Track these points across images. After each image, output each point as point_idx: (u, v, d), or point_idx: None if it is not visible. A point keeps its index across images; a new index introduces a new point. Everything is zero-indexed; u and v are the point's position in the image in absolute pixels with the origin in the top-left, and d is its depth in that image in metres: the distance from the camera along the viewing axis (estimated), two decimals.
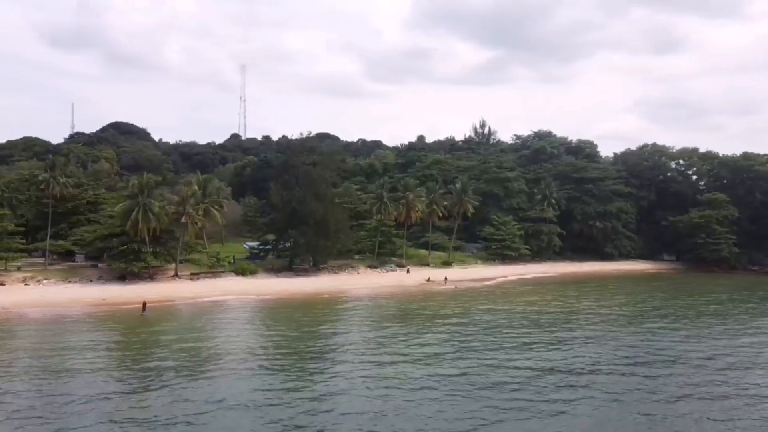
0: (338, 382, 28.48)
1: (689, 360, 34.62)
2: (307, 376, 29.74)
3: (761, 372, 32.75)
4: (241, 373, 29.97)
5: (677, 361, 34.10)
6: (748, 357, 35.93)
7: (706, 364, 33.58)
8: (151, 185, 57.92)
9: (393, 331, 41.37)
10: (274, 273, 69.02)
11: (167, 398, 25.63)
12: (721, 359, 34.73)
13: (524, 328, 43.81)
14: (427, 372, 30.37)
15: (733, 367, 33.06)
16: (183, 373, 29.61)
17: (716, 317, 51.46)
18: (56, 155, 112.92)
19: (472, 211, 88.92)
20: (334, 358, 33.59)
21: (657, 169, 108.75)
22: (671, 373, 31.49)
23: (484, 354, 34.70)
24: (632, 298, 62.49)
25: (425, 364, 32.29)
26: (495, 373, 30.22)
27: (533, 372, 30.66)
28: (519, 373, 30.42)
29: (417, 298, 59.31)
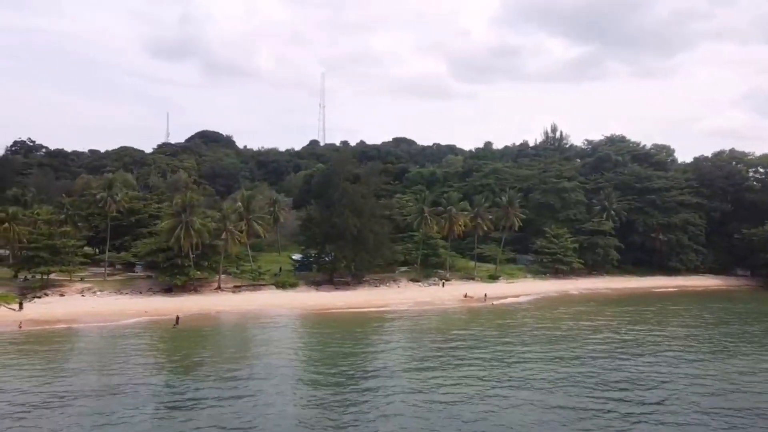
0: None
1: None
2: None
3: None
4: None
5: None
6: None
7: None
8: (194, 203, 61.94)
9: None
10: (315, 286, 71.71)
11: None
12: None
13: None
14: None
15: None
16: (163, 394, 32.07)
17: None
18: (115, 174, 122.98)
19: (519, 224, 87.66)
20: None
21: (731, 177, 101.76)
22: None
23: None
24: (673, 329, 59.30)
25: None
26: None
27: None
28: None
29: (441, 321, 58.67)
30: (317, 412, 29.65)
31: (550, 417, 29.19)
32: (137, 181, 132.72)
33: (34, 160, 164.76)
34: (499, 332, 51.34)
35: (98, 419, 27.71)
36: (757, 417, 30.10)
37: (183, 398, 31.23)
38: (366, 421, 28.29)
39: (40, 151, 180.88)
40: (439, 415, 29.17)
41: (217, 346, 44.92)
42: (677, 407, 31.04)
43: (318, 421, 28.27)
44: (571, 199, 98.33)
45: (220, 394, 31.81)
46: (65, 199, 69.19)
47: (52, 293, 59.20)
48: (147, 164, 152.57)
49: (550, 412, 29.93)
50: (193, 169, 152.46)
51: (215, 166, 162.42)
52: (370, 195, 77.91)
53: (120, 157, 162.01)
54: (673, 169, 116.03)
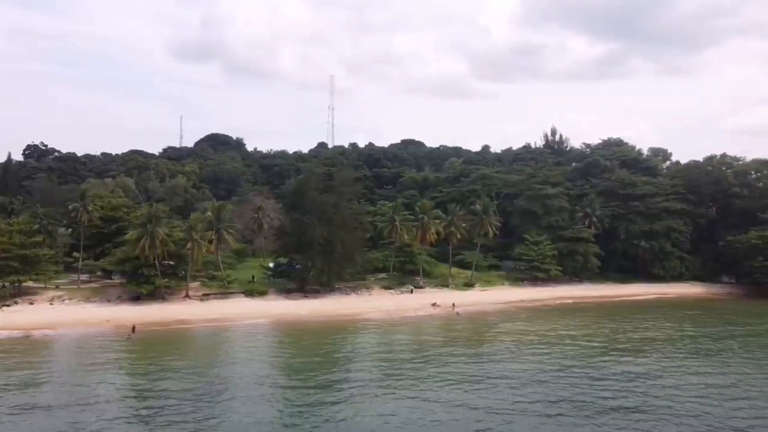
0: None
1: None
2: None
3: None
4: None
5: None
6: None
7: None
8: (159, 215, 63.85)
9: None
10: (285, 294, 73.24)
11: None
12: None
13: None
14: None
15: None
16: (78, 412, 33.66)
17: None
18: (116, 179, 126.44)
19: (494, 232, 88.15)
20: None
21: (719, 183, 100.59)
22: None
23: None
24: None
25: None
26: None
27: None
28: None
29: (392, 331, 59.37)
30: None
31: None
32: (137, 186, 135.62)
33: (44, 164, 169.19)
34: (429, 346, 52.07)
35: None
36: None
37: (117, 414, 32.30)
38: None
39: (52, 155, 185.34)
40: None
41: (164, 356, 46.37)
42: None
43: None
44: (554, 206, 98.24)
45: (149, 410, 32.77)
46: (39, 209, 71.67)
47: (23, 301, 61.65)
48: (149, 169, 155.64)
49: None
50: (194, 173, 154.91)
51: (217, 170, 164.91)
52: (343, 203, 79.05)
53: (125, 161, 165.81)
54: (664, 174, 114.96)
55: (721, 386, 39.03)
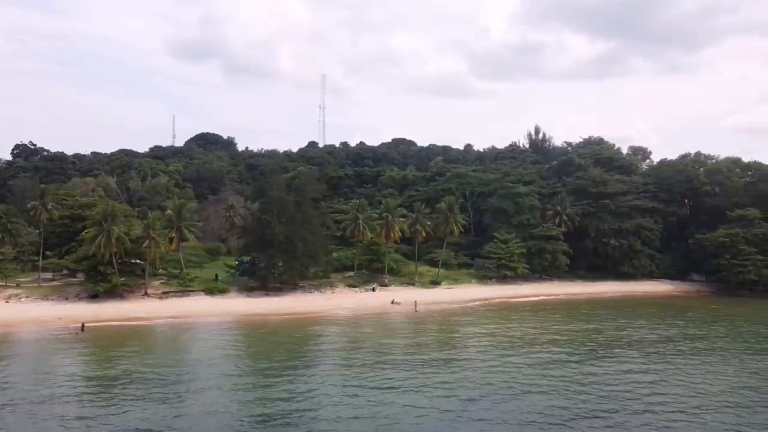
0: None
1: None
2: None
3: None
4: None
5: None
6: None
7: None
8: (115, 213, 64.31)
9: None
10: (246, 292, 73.62)
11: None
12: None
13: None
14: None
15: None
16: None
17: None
18: (98, 179, 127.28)
19: (460, 230, 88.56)
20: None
21: (690, 182, 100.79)
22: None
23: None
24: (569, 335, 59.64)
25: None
26: None
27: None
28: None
29: (350, 327, 60.77)
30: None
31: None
32: (119, 185, 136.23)
33: (31, 164, 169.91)
34: (371, 341, 52.57)
35: None
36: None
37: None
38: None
39: (40, 155, 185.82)
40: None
41: (109, 352, 46.85)
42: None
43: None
44: (525, 204, 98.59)
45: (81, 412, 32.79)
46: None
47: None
48: (134, 168, 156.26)
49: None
50: (177, 172, 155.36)
51: (201, 169, 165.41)
52: (306, 202, 79.40)
53: (110, 161, 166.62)
54: (640, 172, 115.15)
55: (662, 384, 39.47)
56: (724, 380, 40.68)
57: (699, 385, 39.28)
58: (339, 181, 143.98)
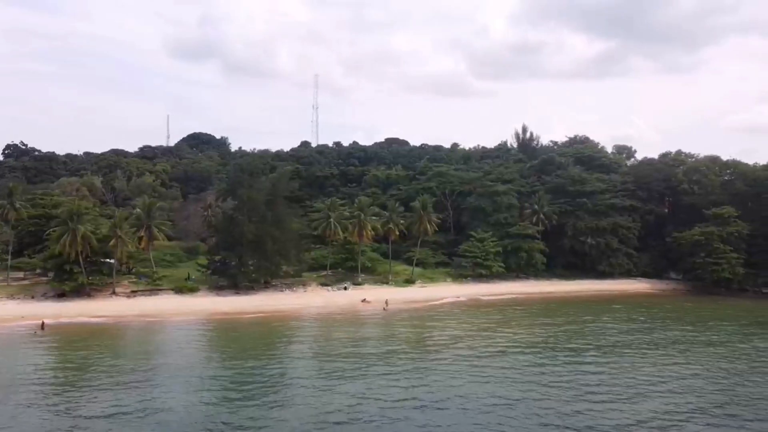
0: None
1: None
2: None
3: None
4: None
5: None
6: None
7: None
8: (81, 212, 64.52)
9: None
10: (217, 291, 73.82)
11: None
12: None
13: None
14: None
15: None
16: None
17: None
18: (83, 178, 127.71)
19: (434, 229, 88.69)
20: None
21: (668, 180, 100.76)
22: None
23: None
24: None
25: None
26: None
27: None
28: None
29: (310, 325, 61.34)
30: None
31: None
32: (105, 185, 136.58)
33: (20, 163, 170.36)
34: (324, 341, 52.82)
35: None
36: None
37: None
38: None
39: (31, 155, 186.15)
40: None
41: (66, 349, 47.29)
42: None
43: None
44: (503, 203, 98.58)
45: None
46: None
47: None
48: (121, 168, 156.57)
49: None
50: (165, 172, 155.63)
51: (188, 168, 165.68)
52: (278, 201, 79.52)
53: (98, 161, 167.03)
54: (622, 171, 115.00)
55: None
56: (670, 372, 41.48)
57: (642, 377, 39.97)
58: (324, 181, 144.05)
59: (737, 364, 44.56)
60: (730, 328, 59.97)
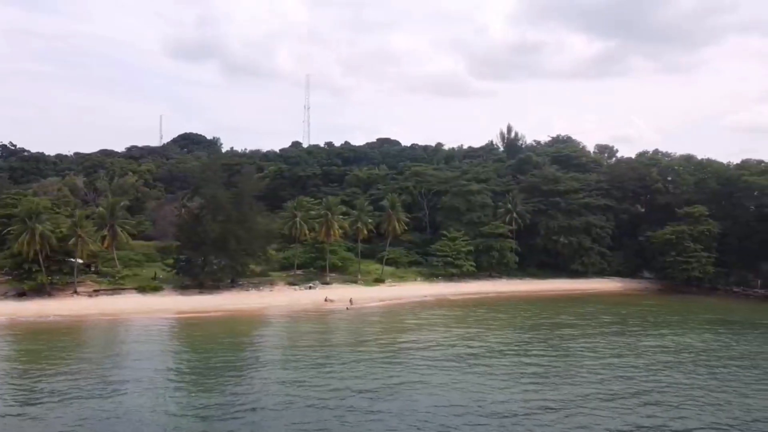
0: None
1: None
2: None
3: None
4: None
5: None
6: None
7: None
8: (39, 211, 64.57)
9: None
10: (181, 290, 73.82)
11: None
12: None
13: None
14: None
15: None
16: None
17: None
18: (65, 179, 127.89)
19: (404, 228, 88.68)
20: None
21: (643, 179, 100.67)
22: None
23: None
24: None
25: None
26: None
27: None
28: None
29: (265, 324, 61.51)
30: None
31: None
32: (87, 185, 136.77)
33: (7, 164, 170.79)
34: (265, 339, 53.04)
35: None
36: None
37: None
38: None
39: (19, 155, 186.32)
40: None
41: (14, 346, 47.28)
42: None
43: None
44: (477, 202, 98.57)
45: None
46: None
47: None
48: (105, 168, 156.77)
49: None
50: (149, 172, 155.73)
51: (173, 169, 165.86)
52: (246, 199, 79.54)
53: (83, 161, 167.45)
54: (600, 171, 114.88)
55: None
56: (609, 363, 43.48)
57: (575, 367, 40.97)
58: (307, 180, 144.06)
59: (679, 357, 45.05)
60: (691, 326, 60.33)
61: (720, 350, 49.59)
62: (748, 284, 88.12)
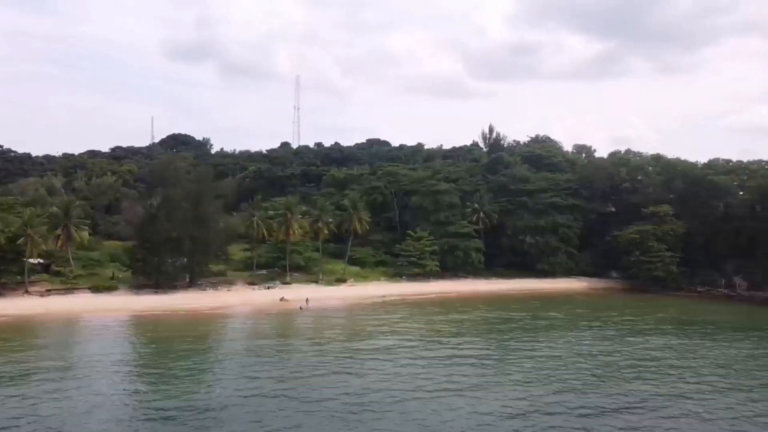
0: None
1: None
2: None
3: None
4: None
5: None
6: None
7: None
8: None
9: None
10: (135, 290, 73.72)
11: None
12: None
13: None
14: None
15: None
16: None
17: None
18: (43, 179, 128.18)
19: (365, 228, 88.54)
20: None
21: (612, 179, 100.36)
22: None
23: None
24: None
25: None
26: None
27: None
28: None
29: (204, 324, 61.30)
30: None
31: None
32: (66, 186, 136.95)
33: None
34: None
35: None
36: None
37: None
38: None
39: (3, 156, 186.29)
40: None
41: None
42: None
43: None
44: (444, 202, 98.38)
45: None
46: None
47: None
48: (87, 168, 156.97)
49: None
50: (130, 172, 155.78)
51: (155, 170, 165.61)
52: (207, 199, 79.50)
53: (65, 161, 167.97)
54: (571, 171, 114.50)
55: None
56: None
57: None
58: (286, 181, 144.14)
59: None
60: (641, 326, 60.13)
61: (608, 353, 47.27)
62: (712, 284, 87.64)
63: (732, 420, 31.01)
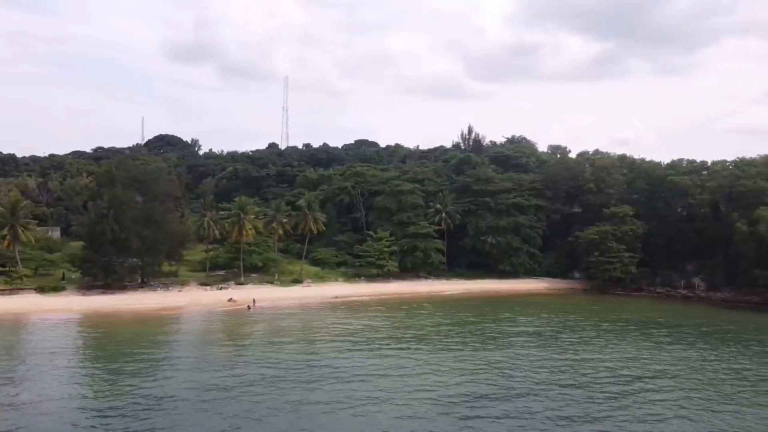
0: None
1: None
2: None
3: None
4: None
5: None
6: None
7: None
8: None
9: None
10: (83, 291, 73.49)
11: None
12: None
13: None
14: None
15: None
16: None
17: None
18: (17, 180, 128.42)
19: (320, 228, 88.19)
20: None
21: (576, 179, 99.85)
22: None
23: None
24: None
25: None
26: None
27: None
28: None
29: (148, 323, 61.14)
30: None
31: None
32: (40, 187, 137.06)
33: None
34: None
35: None
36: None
37: None
38: None
39: None
40: None
41: None
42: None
43: None
44: (408, 202, 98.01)
45: None
46: None
47: None
48: (64, 168, 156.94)
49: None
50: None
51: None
52: (159, 199, 79.22)
53: (42, 161, 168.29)
54: (539, 171, 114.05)
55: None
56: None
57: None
58: (261, 182, 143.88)
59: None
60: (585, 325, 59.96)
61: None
62: (672, 285, 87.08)
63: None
